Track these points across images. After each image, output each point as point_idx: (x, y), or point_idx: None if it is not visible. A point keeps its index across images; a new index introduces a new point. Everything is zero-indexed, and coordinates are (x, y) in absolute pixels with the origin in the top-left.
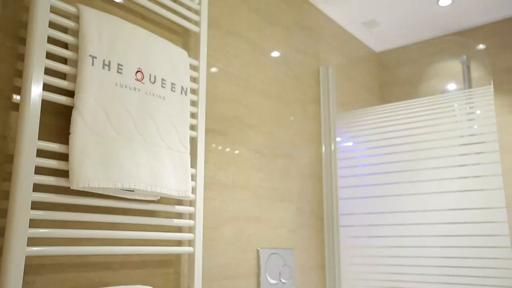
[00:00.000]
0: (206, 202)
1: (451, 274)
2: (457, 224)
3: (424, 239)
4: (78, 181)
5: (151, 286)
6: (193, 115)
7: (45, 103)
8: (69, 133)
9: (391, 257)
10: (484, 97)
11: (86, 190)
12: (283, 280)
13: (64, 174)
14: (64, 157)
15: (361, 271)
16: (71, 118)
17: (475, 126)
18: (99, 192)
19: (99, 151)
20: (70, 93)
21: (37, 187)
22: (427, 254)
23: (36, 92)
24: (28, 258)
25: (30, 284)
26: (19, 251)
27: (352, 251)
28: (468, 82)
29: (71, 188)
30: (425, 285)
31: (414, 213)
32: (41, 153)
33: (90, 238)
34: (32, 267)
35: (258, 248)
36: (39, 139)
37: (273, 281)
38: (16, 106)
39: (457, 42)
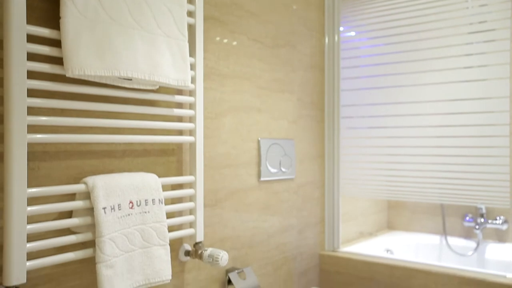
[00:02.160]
0: (206, 92)
1: (448, 163)
2: (458, 115)
3: (424, 130)
4: (74, 68)
5: (154, 173)
6: (191, 1)
7: None
8: (60, 18)
9: (390, 147)
10: None
11: (82, 78)
12: (283, 169)
13: (59, 61)
14: (56, 43)
15: (360, 161)
16: (60, 1)
17: (487, 13)
18: (96, 80)
19: (93, 38)
20: None
21: (32, 75)
22: (425, 144)
23: None
24: (31, 145)
25: (35, 169)
26: (20, 138)
27: (351, 142)
28: None
29: (67, 75)
30: (422, 173)
31: (415, 104)
32: (32, 39)
33: (91, 127)
34: (36, 154)
35: (259, 138)
36: (27, 23)
37: (273, 170)
38: None
39: None
